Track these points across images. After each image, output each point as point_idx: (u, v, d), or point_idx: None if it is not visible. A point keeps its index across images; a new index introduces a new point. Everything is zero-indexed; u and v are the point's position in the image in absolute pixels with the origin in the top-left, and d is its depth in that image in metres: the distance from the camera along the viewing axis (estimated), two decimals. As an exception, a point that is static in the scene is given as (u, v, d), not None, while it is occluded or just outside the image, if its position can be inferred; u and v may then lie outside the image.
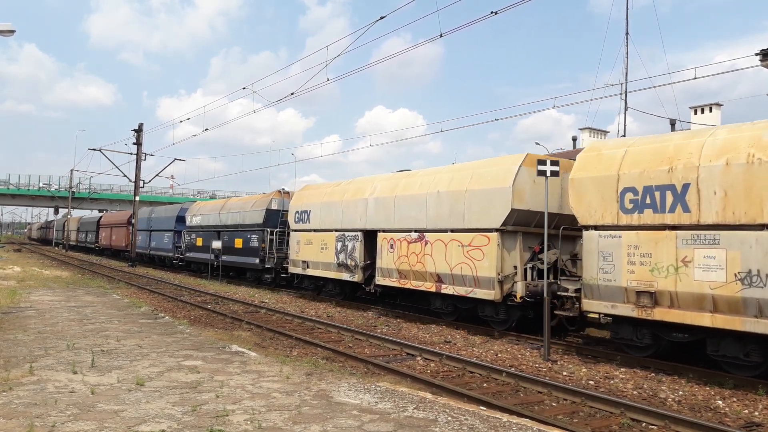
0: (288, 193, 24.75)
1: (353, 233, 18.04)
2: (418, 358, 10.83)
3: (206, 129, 32.81)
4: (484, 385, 9.02)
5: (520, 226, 13.27)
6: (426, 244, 14.99)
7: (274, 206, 24.49)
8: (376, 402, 6.77)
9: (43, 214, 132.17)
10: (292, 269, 21.57)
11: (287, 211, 23.16)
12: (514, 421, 6.25)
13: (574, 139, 30.78)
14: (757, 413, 7.74)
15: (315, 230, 20.07)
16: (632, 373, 9.82)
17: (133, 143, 38.48)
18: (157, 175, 44.28)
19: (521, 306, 13.03)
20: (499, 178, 13.29)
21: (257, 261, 24.36)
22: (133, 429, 5.49)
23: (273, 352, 10.65)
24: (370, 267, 17.46)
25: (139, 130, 38.54)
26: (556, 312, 11.82)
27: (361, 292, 19.15)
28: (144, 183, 39.25)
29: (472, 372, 9.79)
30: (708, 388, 8.91)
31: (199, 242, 30.22)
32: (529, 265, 13.24)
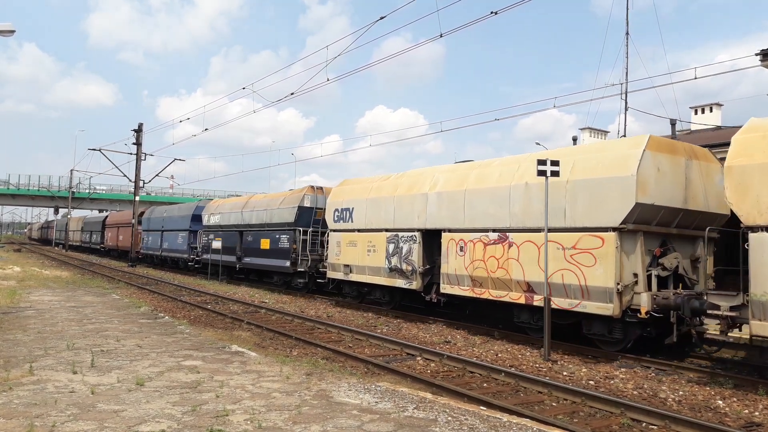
0: (321, 189, 22.64)
1: (409, 234, 15.86)
2: (419, 358, 10.83)
3: (206, 129, 32.85)
4: (485, 385, 9.02)
5: (641, 224, 10.92)
6: (510, 246, 12.63)
7: (307, 203, 22.13)
8: (376, 402, 6.77)
9: (43, 214, 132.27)
10: (331, 274, 19.23)
11: (321, 208, 21.57)
12: (515, 421, 6.24)
13: (575, 139, 30.73)
14: (757, 413, 7.73)
15: (360, 230, 17.88)
16: (632, 373, 9.82)
17: (133, 143, 38.52)
18: (157, 175, 44.47)
19: (640, 322, 10.78)
20: (617, 165, 10.96)
21: (287, 264, 22.07)
22: (133, 429, 5.49)
23: (273, 352, 10.64)
24: (429, 272, 15.37)
25: (138, 130, 38.55)
26: (695, 330, 9.98)
27: (412, 301, 17.25)
28: (144, 183, 39.31)
29: (472, 372, 9.79)
30: (708, 388, 8.90)
31: (218, 243, 27.86)
32: (653, 272, 10.99)
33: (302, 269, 21.64)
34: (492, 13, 13.14)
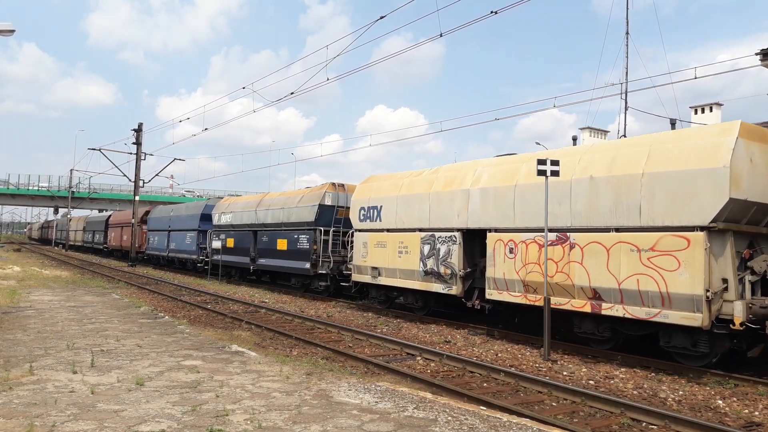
0: (343, 186, 21.29)
1: (448, 234, 14.41)
2: (418, 358, 10.83)
3: (206, 129, 32.80)
4: (485, 384, 9.02)
5: (731, 222, 9.72)
6: (572, 247, 11.28)
7: (328, 201, 20.75)
8: (376, 402, 6.77)
9: (42, 214, 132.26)
10: (357, 277, 17.76)
11: (342, 207, 20.49)
12: (514, 421, 6.24)
13: (574, 139, 30.76)
14: (757, 413, 7.74)
15: (389, 230, 16.47)
16: (632, 373, 9.82)
17: (133, 143, 38.53)
18: (156, 175, 44.41)
19: (730, 334, 9.59)
20: (705, 156, 9.71)
21: (307, 266, 20.70)
22: (133, 429, 5.49)
23: (273, 352, 10.64)
24: (470, 276, 14.02)
25: (138, 130, 38.55)
26: None
27: (447, 306, 15.93)
28: (144, 183, 39.29)
29: (472, 372, 9.79)
30: (708, 388, 8.90)
31: (230, 243, 26.58)
32: (745, 277, 9.75)
33: (324, 271, 20.29)
34: (492, 12, 13.14)
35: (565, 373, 9.82)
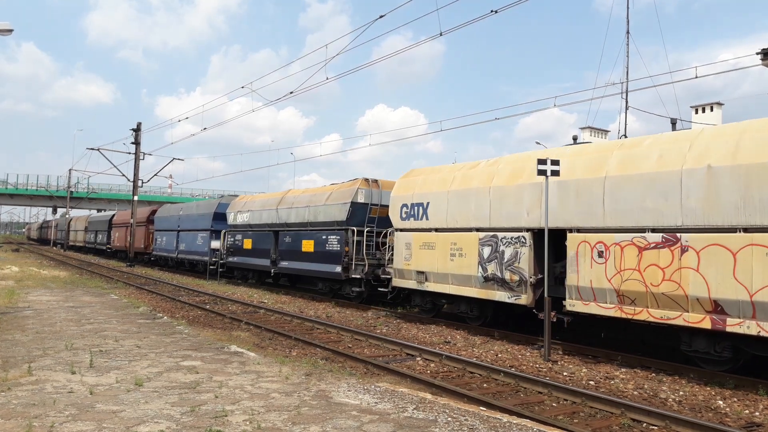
0: (376, 182, 19.40)
1: (514, 234, 12.60)
2: (418, 359, 10.81)
3: (205, 128, 32.82)
4: (484, 385, 9.00)
5: None
6: (684, 251, 9.64)
7: (361, 198, 18.83)
8: (375, 402, 6.74)
9: (41, 213, 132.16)
10: (398, 282, 16.03)
11: (376, 205, 18.81)
12: (515, 422, 6.22)
13: (575, 139, 30.72)
14: (757, 413, 7.72)
15: (438, 229, 14.68)
16: (633, 374, 9.80)
17: (132, 143, 38.48)
18: (155, 175, 44.22)
19: None
20: None
21: (338, 269, 18.70)
22: (131, 429, 5.46)
23: (272, 353, 10.62)
24: (542, 283, 11.76)
25: (137, 130, 38.51)
26: None
27: (509, 316, 14.13)
28: (142, 182, 39.26)
29: (472, 372, 9.77)
30: (709, 388, 8.89)
31: (248, 244, 24.86)
32: None
33: (357, 276, 18.29)
34: (492, 11, 13.12)
35: (565, 373, 9.81)
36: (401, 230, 16.09)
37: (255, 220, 24.70)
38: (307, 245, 20.76)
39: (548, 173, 10.95)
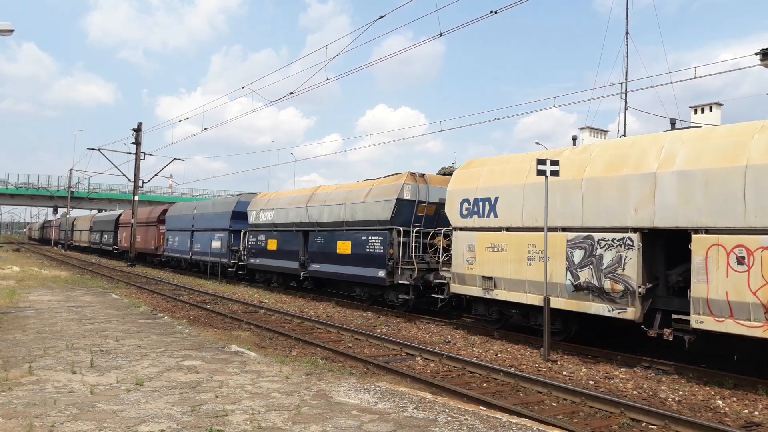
0: (423, 176, 17.38)
1: (617, 236, 10.72)
2: (418, 358, 10.82)
3: (205, 128, 32.84)
4: (484, 385, 9.02)
5: None
6: None
7: (407, 195, 16.76)
8: (375, 402, 6.76)
9: (42, 213, 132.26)
10: (458, 289, 13.96)
11: (423, 202, 16.91)
12: (514, 421, 6.24)
13: (574, 139, 30.73)
14: (756, 413, 7.74)
15: (511, 229, 12.68)
16: (632, 373, 9.82)
17: (132, 143, 38.52)
18: (156, 175, 44.27)
19: None
20: None
21: (381, 274, 16.77)
22: (132, 429, 5.48)
23: (272, 352, 10.64)
24: (651, 294, 10.47)
25: (138, 130, 38.55)
26: None
27: (599, 330, 12.38)
28: (143, 183, 39.27)
29: (471, 372, 9.79)
30: (708, 388, 8.90)
31: (272, 245, 22.94)
32: None
33: (404, 281, 16.22)
34: (491, 12, 13.14)
35: (564, 373, 9.82)
36: (462, 229, 13.93)
37: (281, 219, 22.70)
38: (343, 246, 18.69)
39: (548, 173, 10.95)
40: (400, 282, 16.40)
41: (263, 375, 7.97)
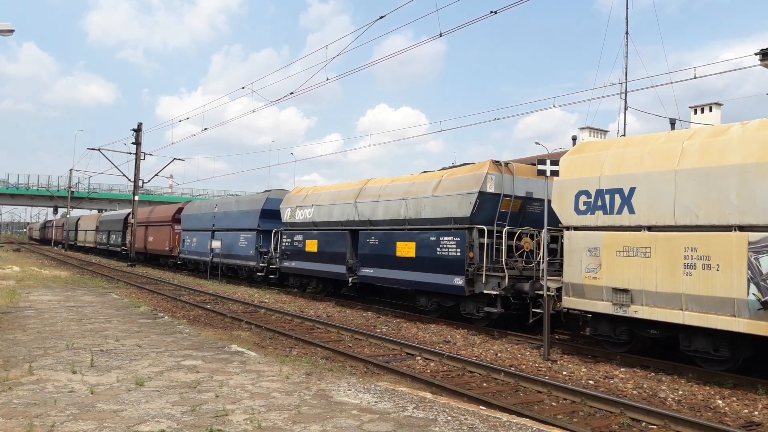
0: (508, 165, 14.73)
1: None
2: (418, 358, 10.83)
3: (205, 128, 32.85)
4: (484, 384, 9.02)
5: None
6: None
7: (491, 187, 14.03)
8: (375, 402, 6.77)
9: (42, 213, 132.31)
10: (573, 302, 11.30)
11: (509, 196, 14.28)
12: (514, 421, 6.24)
13: (574, 139, 30.81)
14: (756, 413, 7.74)
15: (656, 228, 10.07)
16: (632, 373, 9.82)
17: (133, 143, 38.55)
18: (156, 175, 44.31)
19: None
20: None
21: (458, 282, 14.03)
22: (132, 429, 5.48)
23: (272, 352, 10.64)
24: None
25: (138, 130, 38.57)
26: None
27: None
28: (143, 183, 39.28)
29: (471, 372, 9.79)
30: (708, 388, 8.91)
31: (312, 246, 20.57)
32: None
33: (491, 291, 13.44)
34: (492, 12, 13.15)
35: (564, 373, 9.83)
36: (578, 229, 11.32)
37: (322, 217, 20.19)
38: (405, 249, 16.19)
39: (548, 173, 10.96)
40: (484, 292, 13.65)
41: (263, 375, 7.97)
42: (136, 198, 38.45)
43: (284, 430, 5.60)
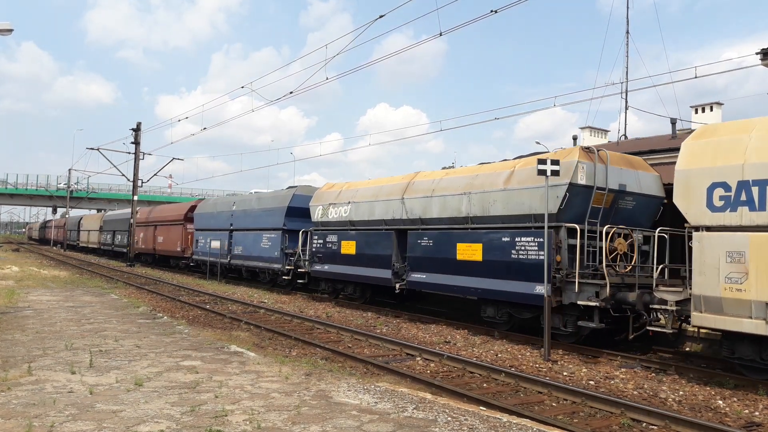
0: (600, 152, 12.53)
1: None
2: (418, 359, 10.81)
3: (204, 128, 32.79)
4: (484, 385, 9.00)
5: None
6: None
7: (582, 178, 12.01)
8: (375, 402, 6.75)
9: (41, 213, 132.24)
10: (708, 320, 9.34)
11: (602, 189, 12.16)
12: (514, 422, 6.23)
13: (575, 138, 30.72)
14: (757, 413, 7.73)
15: None
16: (632, 374, 9.81)
17: (132, 142, 38.53)
18: (155, 175, 44.35)
19: None
20: None
21: (540, 290, 11.93)
22: (131, 429, 5.46)
23: (272, 353, 10.62)
24: None
25: (137, 130, 38.54)
26: None
27: None
28: (142, 182, 39.28)
29: (472, 372, 9.78)
30: (708, 388, 8.89)
31: (348, 248, 18.54)
32: None
33: (585, 302, 11.33)
34: (492, 11, 13.13)
35: (565, 373, 9.81)
36: (713, 229, 9.40)
37: (361, 215, 18.18)
38: (468, 251, 14.02)
39: (548, 173, 10.94)
40: (578, 303, 11.48)
41: (263, 375, 7.95)
42: (135, 198, 38.44)
43: (284, 430, 5.57)
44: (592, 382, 9.23)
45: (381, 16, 15.30)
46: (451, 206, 14.72)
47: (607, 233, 11.71)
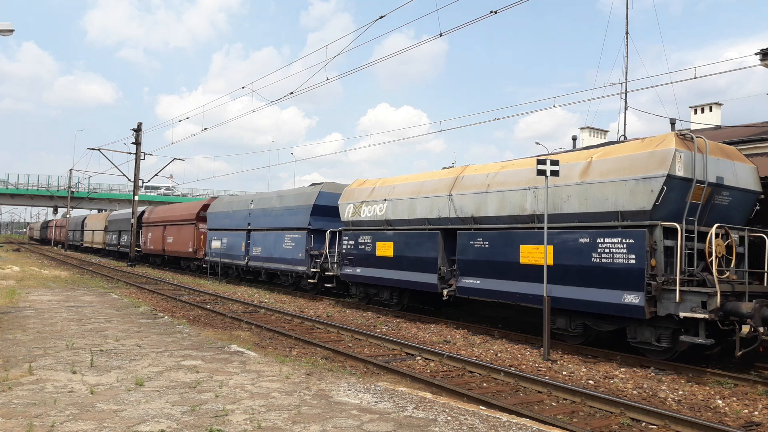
0: (697, 139, 10.81)
1: None
2: (418, 358, 10.83)
3: (205, 128, 32.77)
4: (484, 384, 9.02)
5: None
6: None
7: (680, 170, 10.33)
8: (375, 402, 6.76)
9: (42, 213, 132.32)
10: None
11: (703, 183, 10.64)
12: (514, 421, 6.24)
13: (574, 139, 30.73)
14: (756, 413, 7.74)
15: None
16: (632, 373, 9.82)
17: (132, 143, 38.57)
18: (156, 175, 44.36)
19: None
20: None
21: (635, 300, 10.28)
22: (132, 429, 5.48)
23: (272, 352, 10.64)
24: None
25: (138, 130, 38.58)
26: None
27: None
28: (143, 182, 39.29)
29: (471, 372, 9.79)
30: (708, 388, 8.90)
31: (385, 250, 16.95)
32: None
33: (689, 313, 9.63)
34: (491, 12, 13.15)
35: (564, 373, 9.83)
36: None
37: (400, 214, 16.53)
38: (533, 253, 12.36)
39: (548, 173, 10.96)
40: (680, 315, 9.81)
41: (263, 375, 7.97)
42: (136, 198, 38.46)
43: (284, 430, 5.59)
44: (591, 382, 9.24)
45: (381, 17, 15.32)
46: (512, 203, 12.99)
47: (716, 234, 10.32)
